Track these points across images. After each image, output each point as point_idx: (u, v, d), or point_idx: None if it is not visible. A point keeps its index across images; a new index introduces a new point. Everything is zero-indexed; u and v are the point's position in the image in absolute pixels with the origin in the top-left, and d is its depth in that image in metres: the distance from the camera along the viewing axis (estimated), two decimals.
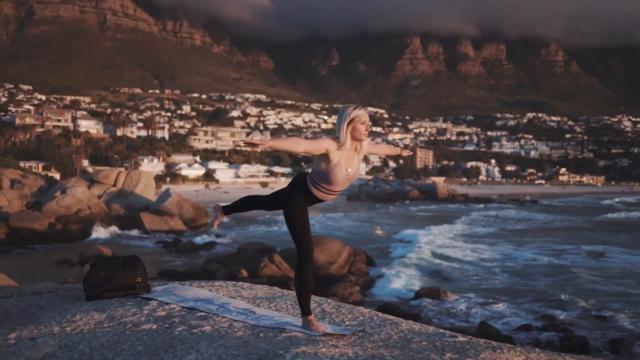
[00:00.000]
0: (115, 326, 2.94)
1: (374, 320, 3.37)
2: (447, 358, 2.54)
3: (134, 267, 3.63)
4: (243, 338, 2.78)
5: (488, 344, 2.85)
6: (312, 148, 3.04)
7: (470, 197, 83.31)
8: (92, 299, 3.51)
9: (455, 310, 17.60)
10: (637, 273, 23.47)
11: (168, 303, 3.44)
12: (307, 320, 3.07)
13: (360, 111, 3.19)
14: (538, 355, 2.70)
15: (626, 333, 15.16)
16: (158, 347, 2.63)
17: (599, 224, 47.16)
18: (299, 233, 3.16)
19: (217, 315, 3.24)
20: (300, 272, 3.15)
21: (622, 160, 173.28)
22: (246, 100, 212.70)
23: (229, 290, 3.94)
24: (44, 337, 2.73)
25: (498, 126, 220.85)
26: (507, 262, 25.69)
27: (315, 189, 3.17)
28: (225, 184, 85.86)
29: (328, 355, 2.42)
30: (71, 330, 2.86)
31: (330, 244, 23.16)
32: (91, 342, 2.71)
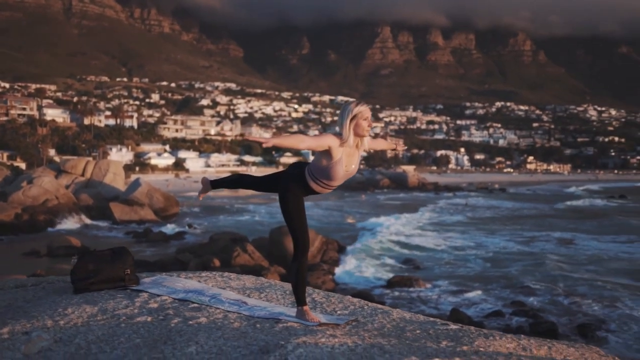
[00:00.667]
0: (109, 319, 2.91)
1: (365, 309, 3.37)
2: (444, 346, 2.56)
3: (122, 259, 3.57)
4: (240, 329, 2.77)
5: (480, 332, 2.87)
6: (315, 145, 3.01)
7: (440, 186, 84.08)
8: (80, 292, 3.44)
9: (427, 297, 17.78)
10: (604, 259, 23.98)
11: (159, 295, 3.40)
12: (302, 310, 3.07)
13: (362, 107, 3.17)
14: (528, 342, 2.75)
15: (593, 318, 15.47)
16: (156, 340, 2.61)
17: (564, 211, 48.03)
18: (297, 225, 3.16)
19: (210, 306, 3.22)
20: (297, 263, 3.14)
21: (587, 149, 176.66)
22: (216, 89, 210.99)
23: (218, 281, 3.91)
24: (37, 331, 2.70)
25: (467, 115, 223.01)
26: (477, 249, 26.01)
27: (314, 183, 3.16)
28: (196, 174, 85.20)
29: (328, 345, 2.43)
30: (65, 323, 2.83)
31: None
32: (87, 336, 2.68)
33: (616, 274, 20.82)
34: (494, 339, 2.66)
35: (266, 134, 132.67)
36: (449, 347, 2.49)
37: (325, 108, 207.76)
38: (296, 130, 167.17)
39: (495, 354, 2.30)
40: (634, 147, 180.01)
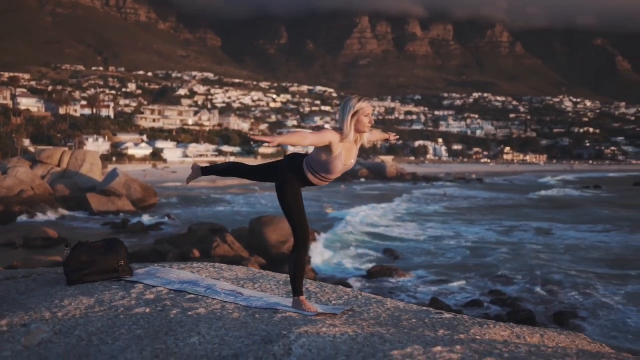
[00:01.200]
0: (107, 310, 2.91)
1: (359, 299, 3.39)
2: (441, 334, 2.59)
3: (116, 251, 3.55)
4: (240, 319, 2.78)
5: (474, 320, 2.92)
6: (317, 141, 3.02)
7: (419, 176, 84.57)
8: (73, 284, 3.41)
9: (407, 287, 17.89)
10: (581, 249, 24.32)
11: (154, 286, 3.39)
12: (299, 301, 3.10)
13: (364, 104, 3.17)
14: (521, 330, 2.80)
15: (569, 306, 15.70)
16: (157, 331, 2.61)
17: (541, 201, 48.60)
18: (296, 217, 3.18)
19: (207, 297, 3.22)
20: (297, 254, 3.18)
21: (563, 140, 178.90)
22: (193, 79, 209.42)
23: (210, 272, 3.90)
24: (36, 324, 2.69)
25: (445, 106, 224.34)
26: (456, 239, 26.22)
27: (312, 176, 3.17)
28: (174, 164, 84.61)
29: (330, 334, 2.45)
30: (63, 315, 2.82)
31: (282, 224, 23.07)
32: (87, 328, 2.67)
33: (592, 263, 21.16)
34: (488, 327, 2.70)
35: (244, 124, 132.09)
36: (446, 336, 2.51)
37: (304, 98, 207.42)
38: (275, 120, 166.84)
39: (492, 342, 2.32)
40: (608, 138, 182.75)
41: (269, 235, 22.03)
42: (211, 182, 68.57)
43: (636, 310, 15.10)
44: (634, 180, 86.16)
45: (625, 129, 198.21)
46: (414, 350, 2.13)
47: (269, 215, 24.91)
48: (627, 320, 14.41)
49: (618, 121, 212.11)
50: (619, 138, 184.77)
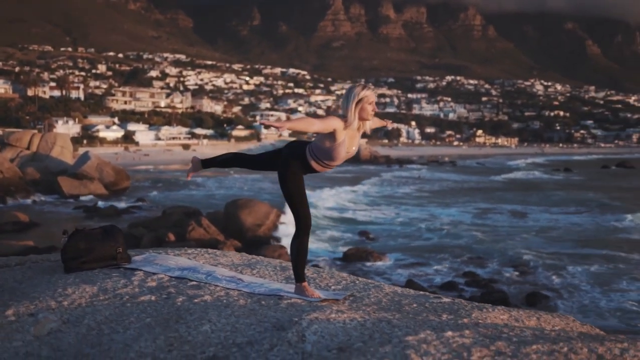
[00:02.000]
0: (112, 299, 2.89)
1: (357, 284, 3.42)
2: (445, 319, 2.62)
3: (114, 238, 3.51)
4: (247, 306, 2.78)
5: (472, 304, 2.97)
6: (323, 128, 3.05)
7: (392, 159, 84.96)
8: (71, 271, 3.37)
9: (382, 269, 18.04)
10: (553, 230, 24.75)
11: (155, 273, 3.37)
12: (302, 287, 3.14)
13: (368, 92, 3.18)
14: (518, 313, 2.86)
15: (541, 287, 15.98)
16: (167, 319, 2.61)
17: (514, 184, 49.21)
18: (298, 203, 3.20)
19: (209, 284, 3.21)
20: (299, 240, 3.21)
21: (534, 123, 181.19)
22: (165, 60, 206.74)
23: (206, 258, 3.88)
24: (43, 313, 2.66)
25: (418, 89, 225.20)
26: (431, 221, 26.43)
27: (315, 163, 3.20)
28: (146, 146, 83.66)
29: (340, 320, 2.47)
30: (69, 304, 2.80)
31: (257, 206, 23.06)
32: (95, 316, 2.66)
33: (562, 244, 21.54)
34: (487, 311, 2.75)
35: (217, 106, 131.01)
36: (450, 320, 2.55)
37: (277, 80, 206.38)
38: (248, 102, 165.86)
39: (496, 326, 2.35)
40: (577, 122, 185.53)
41: (245, 218, 21.97)
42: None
43: (601, 290, 15.43)
44: (602, 163, 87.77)
45: (594, 113, 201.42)
46: (427, 335, 2.17)
47: (244, 199, 24.84)
48: (593, 299, 14.73)
49: (587, 105, 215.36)
50: (588, 121, 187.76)
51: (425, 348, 2.02)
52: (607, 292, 15.35)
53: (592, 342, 2.01)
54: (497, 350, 2.00)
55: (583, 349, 2.01)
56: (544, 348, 2.01)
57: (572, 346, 2.02)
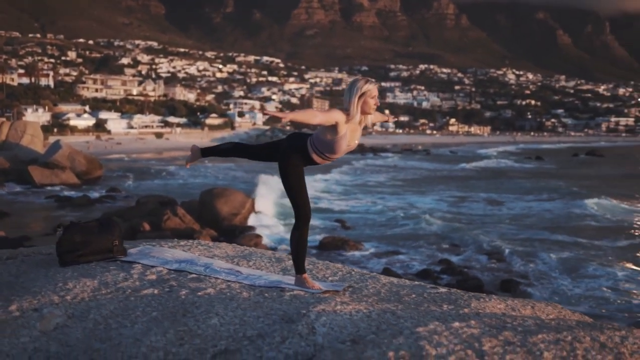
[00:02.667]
0: (115, 292, 2.87)
1: (353, 275, 3.44)
2: (447, 309, 2.66)
3: (110, 230, 3.47)
4: (252, 299, 2.78)
5: (468, 294, 3.00)
6: (325, 120, 3.06)
7: (366, 147, 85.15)
8: (67, 265, 3.33)
9: (358, 258, 18.10)
10: (527, 217, 25.06)
11: (153, 266, 3.34)
12: (302, 278, 3.15)
13: (370, 85, 3.20)
14: (513, 302, 2.91)
15: (515, 274, 16.17)
16: (173, 312, 2.60)
17: (488, 172, 49.72)
18: (298, 196, 3.22)
19: (209, 276, 3.20)
20: (299, 232, 3.22)
21: (506, 112, 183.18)
22: (137, 47, 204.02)
23: (201, 250, 3.87)
24: (48, 308, 2.64)
25: (392, 77, 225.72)
26: (407, 210, 26.55)
27: (316, 155, 3.22)
28: (118, 135, 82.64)
29: (346, 312, 2.49)
30: (72, 299, 2.77)
31: (233, 195, 22.92)
32: (100, 311, 2.64)
33: (535, 231, 21.82)
34: (485, 301, 2.79)
35: (190, 94, 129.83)
36: (452, 310, 2.59)
37: (251, 68, 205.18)
38: (221, 90, 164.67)
39: (499, 316, 2.38)
40: (548, 111, 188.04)
41: (221, 207, 21.83)
42: (157, 153, 67.40)
43: (570, 276, 15.68)
44: (572, 151, 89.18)
45: (565, 102, 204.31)
46: (436, 326, 2.19)
47: (220, 188, 24.67)
48: (564, 286, 14.95)
49: (558, 94, 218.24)
50: (558, 110, 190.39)
51: (437, 339, 2.04)
52: (576, 278, 15.60)
53: (593, 331, 2.05)
54: (506, 340, 2.03)
55: (586, 337, 2.05)
56: (550, 337, 2.05)
57: (575, 335, 2.06)
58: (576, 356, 1.95)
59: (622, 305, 13.24)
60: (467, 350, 1.95)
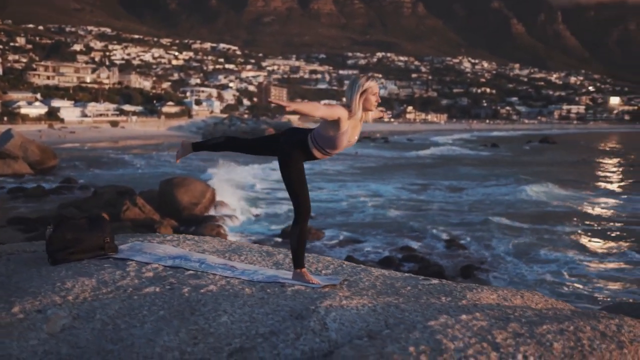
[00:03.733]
0: (116, 291, 2.82)
1: (345, 268, 3.46)
2: (446, 301, 2.70)
3: (101, 227, 3.40)
4: (256, 295, 2.77)
5: (460, 285, 3.06)
6: (327, 115, 3.10)
7: None
8: (58, 263, 3.26)
9: (320, 246, 18.14)
10: (485, 203, 25.48)
11: (147, 263, 3.30)
12: (301, 273, 3.16)
13: (372, 82, 3.24)
14: (503, 292, 2.98)
15: (474, 260, 16.44)
16: (180, 311, 2.57)
17: (446, 159, 50.37)
18: (298, 190, 3.26)
19: (206, 272, 3.18)
20: (299, 227, 3.26)
21: (462, 99, 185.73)
22: (89, 34, 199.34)
23: (190, 245, 3.82)
24: (51, 309, 2.58)
25: (349, 65, 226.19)
26: (367, 198, 26.69)
27: (317, 150, 3.25)
28: (72, 123, 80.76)
29: (352, 307, 2.51)
30: (74, 299, 2.72)
31: (193, 185, 22.64)
32: (105, 311, 2.59)
33: (492, 217, 22.19)
34: (477, 292, 2.86)
35: (146, 82, 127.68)
36: (451, 302, 2.65)
37: (207, 56, 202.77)
38: (177, 78, 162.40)
39: (498, 307, 2.43)
40: (503, 98, 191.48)
41: (181, 197, 21.55)
42: (112, 142, 66.20)
43: (525, 261, 16.04)
44: (527, 138, 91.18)
45: (519, 90, 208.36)
46: (446, 319, 2.23)
47: (180, 177, 24.34)
48: (517, 270, 15.28)
49: (512, 82, 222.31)
50: (513, 98, 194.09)
51: (451, 332, 2.07)
52: (529, 263, 15.97)
53: (590, 320, 2.11)
54: (514, 331, 2.07)
55: (586, 327, 2.10)
56: (554, 328, 2.10)
57: (577, 325, 2.11)
58: (583, 346, 2.00)
59: (577, 290, 13.62)
60: (483, 343, 1.98)
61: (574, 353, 1.92)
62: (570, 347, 1.94)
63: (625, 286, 14.04)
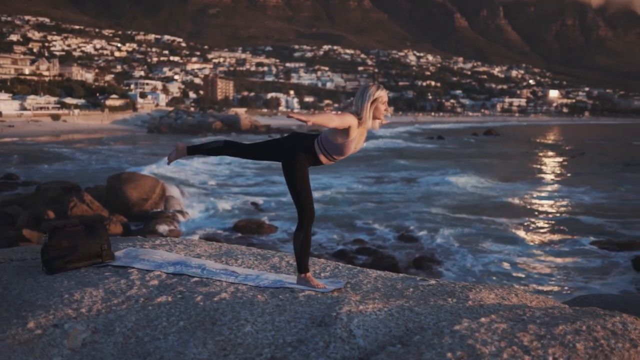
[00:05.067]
0: (128, 302, 2.73)
1: (341, 270, 3.47)
2: (452, 302, 2.73)
3: (98, 234, 3.29)
4: (271, 302, 2.74)
5: (457, 284, 3.10)
6: (340, 124, 3.12)
7: (273, 128, 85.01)
8: (55, 272, 3.14)
9: (275, 240, 18.10)
10: (434, 196, 25.85)
11: (149, 270, 3.22)
12: (306, 278, 3.17)
13: (382, 92, 3.30)
14: (499, 291, 3.02)
15: (426, 252, 16.70)
16: (200, 321, 2.52)
17: (392, 152, 50.87)
18: (304, 196, 3.27)
19: (211, 279, 3.13)
20: (304, 232, 3.26)
21: (408, 92, 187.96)
22: (27, 24, 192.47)
23: (181, 249, 3.73)
24: (68, 323, 2.49)
25: (296, 58, 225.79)
26: (321, 191, 26.69)
27: (324, 156, 3.28)
28: (10, 117, 77.96)
29: (370, 312, 2.50)
30: (87, 311, 2.62)
31: (142, 180, 22.24)
32: (123, 323, 2.51)
33: (442, 209, 22.58)
34: (477, 291, 2.93)
35: (88, 74, 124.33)
36: (459, 303, 2.68)
37: (151, 48, 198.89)
38: (120, 70, 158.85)
39: (506, 308, 2.48)
40: (447, 91, 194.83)
41: (130, 192, 21.12)
42: (54, 136, 64.22)
43: (470, 251, 16.39)
44: (471, 130, 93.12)
45: (463, 83, 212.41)
46: (469, 323, 2.24)
47: (128, 172, 23.85)
48: (466, 262, 15.59)
49: (456, 75, 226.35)
50: (457, 91, 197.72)
51: (479, 336, 2.09)
52: (477, 253, 16.33)
53: (597, 319, 2.17)
54: (536, 333, 2.10)
55: (597, 326, 2.15)
56: (569, 328, 2.15)
57: (588, 324, 2.16)
58: (602, 346, 2.05)
59: (523, 280, 14.01)
60: (512, 347, 2.01)
61: (597, 353, 1.98)
62: (591, 348, 2.00)
63: (571, 275, 14.52)
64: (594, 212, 22.12)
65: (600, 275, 14.32)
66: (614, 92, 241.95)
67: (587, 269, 14.93)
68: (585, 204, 24.35)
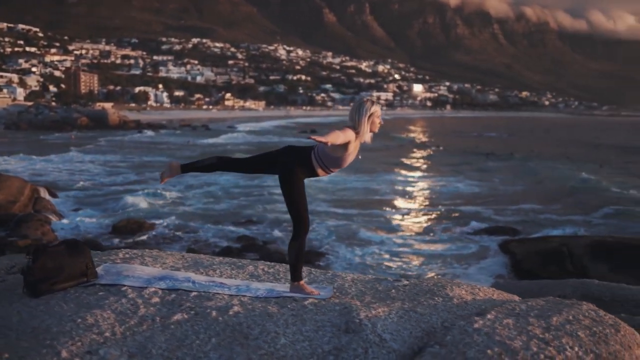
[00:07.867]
0: (145, 322, 2.64)
1: (316, 275, 3.52)
2: (440, 301, 2.85)
3: (81, 252, 3.15)
4: (286, 313, 2.75)
5: (432, 282, 3.15)
6: (344, 140, 3.24)
7: (143, 123, 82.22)
8: (41, 295, 2.96)
9: (158, 238, 17.62)
10: (312, 189, 26.16)
11: (144, 287, 3.12)
12: (299, 286, 3.26)
13: (377, 107, 3.44)
14: (468, 287, 3.19)
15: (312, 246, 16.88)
16: (232, 337, 2.49)
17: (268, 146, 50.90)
18: (300, 207, 3.32)
19: (208, 292, 3.11)
20: (299, 241, 3.33)
21: (279, 86, 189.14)
22: None
23: (150, 261, 3.61)
24: (102, 349, 2.38)
25: (164, 50, 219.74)
26: (202, 188, 26.25)
27: (321, 169, 3.37)
28: None
29: (382, 316, 2.57)
30: (112, 335, 2.51)
31: (9, 181, 20.80)
32: (155, 344, 2.42)
33: (325, 203, 22.97)
34: (452, 289, 3.09)
35: None
36: (447, 302, 2.81)
37: (4, 37, 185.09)
38: None
39: (490, 302, 2.55)
40: (318, 85, 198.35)
41: None
42: None
43: (348, 244, 16.90)
44: (345, 124, 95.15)
45: (332, 77, 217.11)
46: (479, 319, 2.35)
47: None
48: (347, 255, 16.01)
49: (326, 70, 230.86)
50: (327, 85, 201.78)
51: (501, 332, 2.20)
52: (354, 246, 16.82)
53: (574, 308, 2.31)
54: (540, 325, 2.22)
55: (579, 315, 2.41)
56: (561, 318, 2.31)
57: (572, 314, 2.34)
58: (597, 333, 2.21)
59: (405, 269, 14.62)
60: (533, 340, 2.14)
61: (598, 340, 2.16)
62: (591, 335, 2.18)
63: (448, 261, 15.34)
64: (472, 201, 23.50)
65: (476, 260, 15.24)
66: (472, 87, 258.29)
67: (463, 255, 15.83)
68: (462, 193, 25.77)
